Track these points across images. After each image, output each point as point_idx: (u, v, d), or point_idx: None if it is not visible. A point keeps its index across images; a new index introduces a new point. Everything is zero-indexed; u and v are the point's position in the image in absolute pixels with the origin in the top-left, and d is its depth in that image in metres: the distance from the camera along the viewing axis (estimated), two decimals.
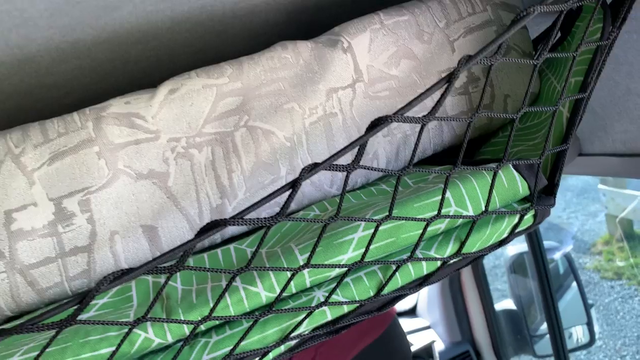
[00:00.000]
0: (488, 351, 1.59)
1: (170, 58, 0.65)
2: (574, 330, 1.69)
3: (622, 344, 3.21)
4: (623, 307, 3.45)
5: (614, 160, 0.77)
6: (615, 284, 3.61)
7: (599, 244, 4.00)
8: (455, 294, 1.57)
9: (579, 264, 3.91)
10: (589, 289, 3.67)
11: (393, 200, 0.38)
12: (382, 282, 0.42)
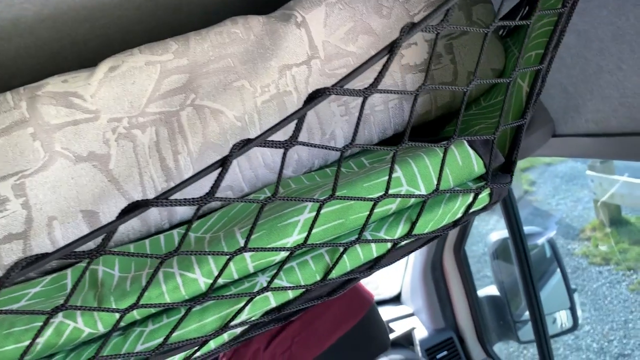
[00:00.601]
0: (472, 337, 1.58)
1: (123, 37, 0.62)
2: (558, 315, 1.69)
3: (609, 329, 3.22)
4: (610, 292, 3.46)
5: (587, 141, 0.75)
6: (603, 270, 3.62)
7: (588, 229, 4.01)
8: (437, 281, 1.55)
9: (567, 250, 3.92)
10: (577, 274, 3.68)
11: (336, 180, 0.36)
12: (330, 266, 0.40)
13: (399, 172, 0.42)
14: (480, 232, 4.18)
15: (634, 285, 3.40)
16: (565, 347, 3.16)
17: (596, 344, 3.13)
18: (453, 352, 1.54)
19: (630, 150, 0.70)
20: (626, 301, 3.32)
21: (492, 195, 0.43)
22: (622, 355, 3.00)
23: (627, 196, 3.74)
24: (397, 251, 0.42)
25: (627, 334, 3.11)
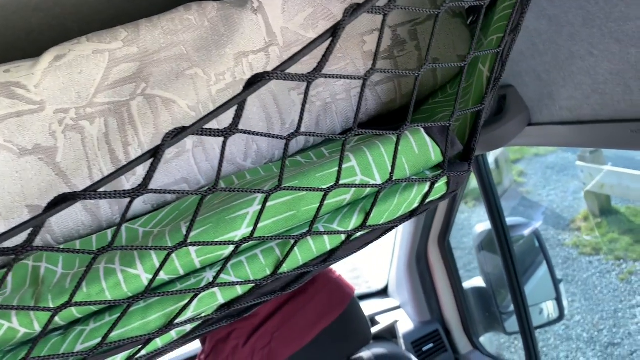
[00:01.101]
0: (458, 329, 1.57)
1: (80, 27, 0.60)
2: (544, 306, 1.68)
3: (599, 318, 3.23)
4: (601, 281, 3.47)
5: (562, 130, 0.74)
6: (593, 259, 3.63)
7: (578, 220, 4.01)
8: (422, 273, 1.54)
9: (558, 241, 3.92)
10: (568, 264, 3.69)
11: (282, 170, 0.34)
12: (280, 260, 0.39)
13: (353, 161, 0.40)
14: (471, 224, 4.19)
15: (624, 275, 3.40)
16: (556, 337, 3.17)
17: (586, 333, 3.14)
18: (439, 344, 1.53)
19: (604, 138, 0.69)
20: (616, 291, 3.33)
21: (449, 184, 0.42)
22: (612, 344, 3.01)
23: (617, 186, 3.75)
24: (352, 243, 0.41)
25: (617, 323, 3.11)
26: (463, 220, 4.26)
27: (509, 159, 4.74)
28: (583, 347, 3.08)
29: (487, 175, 1.19)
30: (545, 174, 4.71)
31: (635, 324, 3.11)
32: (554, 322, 1.62)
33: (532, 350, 1.31)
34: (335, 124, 0.54)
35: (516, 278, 1.29)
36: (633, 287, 3.34)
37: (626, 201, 3.97)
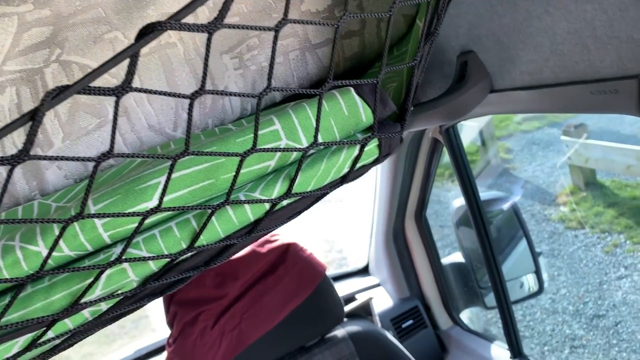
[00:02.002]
0: (437, 305, 1.55)
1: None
2: (525, 279, 1.67)
3: (585, 291, 3.25)
4: (586, 255, 3.48)
5: (524, 95, 0.71)
6: (579, 233, 3.64)
7: (564, 194, 4.02)
8: (400, 250, 1.52)
9: (544, 216, 3.93)
10: (554, 239, 3.70)
11: (188, 131, 0.31)
12: (197, 232, 0.36)
13: (277, 124, 0.37)
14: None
15: (609, 248, 3.42)
16: (542, 310, 3.18)
17: (572, 306, 3.16)
18: (419, 320, 1.52)
19: (565, 101, 0.66)
20: (601, 263, 3.34)
21: (381, 147, 0.39)
22: (597, 316, 3.03)
23: (601, 160, 3.75)
24: (279, 213, 0.38)
25: (602, 295, 3.13)
26: (449, 198, 4.26)
27: (494, 135, 4.73)
28: (569, 319, 3.09)
29: (459, 149, 1.16)
30: (531, 150, 4.70)
31: (620, 295, 3.13)
32: (534, 295, 1.61)
33: (509, 324, 1.30)
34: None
35: (492, 253, 1.28)
36: (618, 259, 3.35)
37: (611, 174, 3.97)
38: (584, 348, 2.90)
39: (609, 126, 4.68)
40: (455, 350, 1.51)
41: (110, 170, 0.42)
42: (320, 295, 1.06)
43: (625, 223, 3.53)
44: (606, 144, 3.83)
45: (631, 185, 3.84)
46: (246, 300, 1.01)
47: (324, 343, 1.10)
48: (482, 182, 4.58)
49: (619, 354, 2.79)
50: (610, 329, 2.95)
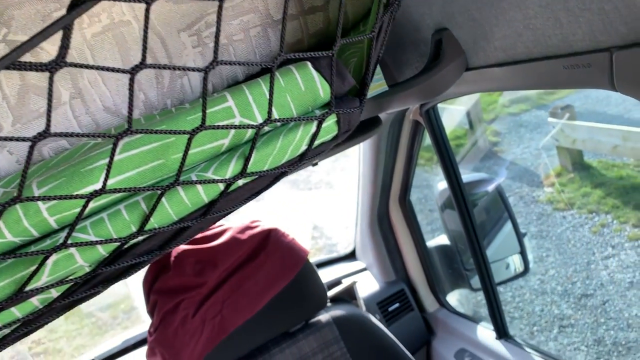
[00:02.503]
0: (424, 288, 1.55)
1: None
2: (511, 260, 1.67)
3: (573, 271, 3.27)
4: (574, 235, 3.50)
5: (499, 72, 0.70)
6: (566, 214, 3.66)
7: (552, 176, 4.03)
8: (385, 234, 1.52)
9: (532, 198, 3.94)
10: (542, 220, 3.71)
11: (130, 107, 0.30)
12: (146, 215, 0.34)
13: (230, 101, 0.36)
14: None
15: (596, 228, 3.44)
16: (531, 291, 3.20)
17: (560, 286, 3.18)
18: (405, 303, 1.52)
19: (539, 77, 0.65)
20: (589, 243, 3.37)
21: (340, 123, 0.37)
22: (585, 295, 3.05)
23: (589, 141, 3.76)
24: (234, 193, 0.36)
25: (590, 275, 3.16)
26: (437, 182, 4.26)
27: (482, 118, 4.72)
28: (557, 299, 3.12)
29: (439, 130, 1.15)
30: (518, 132, 4.71)
31: (607, 274, 3.15)
32: (520, 275, 1.61)
33: (494, 305, 1.31)
34: (236, 68, 0.49)
35: (475, 235, 1.27)
36: (605, 239, 3.38)
37: (598, 155, 3.99)
38: (572, 327, 2.92)
39: (595, 107, 4.69)
40: (442, 332, 1.51)
41: (63, 154, 0.41)
42: (302, 280, 1.05)
43: (612, 203, 3.55)
44: (593, 125, 3.84)
45: (618, 165, 3.86)
46: (227, 288, 1.00)
47: (308, 328, 1.10)
48: (470, 165, 4.59)
49: (606, 332, 2.82)
50: (598, 307, 2.97)
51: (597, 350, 2.76)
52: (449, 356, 1.43)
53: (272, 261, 1.03)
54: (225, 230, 1.04)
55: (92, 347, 3.84)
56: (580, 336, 2.86)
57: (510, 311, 3.14)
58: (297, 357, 1.08)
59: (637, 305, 2.92)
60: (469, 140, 4.69)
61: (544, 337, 2.92)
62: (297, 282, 1.04)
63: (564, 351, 2.81)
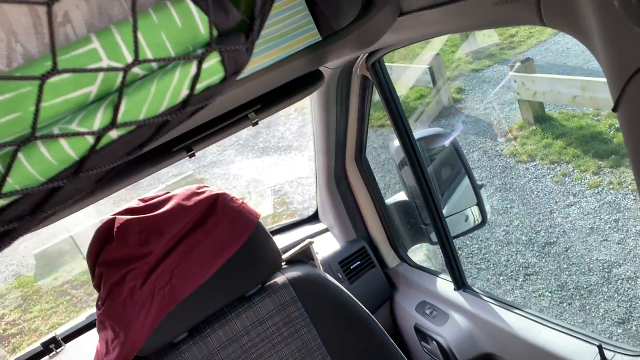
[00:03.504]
0: (384, 245, 1.54)
1: None
2: (470, 212, 1.67)
3: (536, 221, 3.32)
4: (537, 186, 3.55)
5: (431, 15, 0.66)
6: (529, 166, 3.70)
7: (514, 129, 4.06)
8: (344, 194, 1.49)
9: (496, 152, 3.97)
10: (506, 173, 3.75)
11: None
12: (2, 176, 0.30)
13: (96, 42, 0.31)
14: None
15: (558, 178, 3.49)
16: (497, 243, 3.26)
17: (525, 236, 3.24)
18: (366, 261, 1.51)
19: (470, 17, 0.61)
20: (551, 193, 3.42)
21: (225, 63, 0.33)
22: (548, 243, 3.11)
23: (549, 93, 3.77)
24: (109, 148, 0.32)
25: (553, 224, 3.22)
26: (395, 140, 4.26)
27: (445, 76, 4.70)
28: (522, 249, 3.18)
29: (387, 84, 1.11)
30: (482, 89, 4.71)
31: (569, 222, 3.21)
32: (479, 227, 1.61)
33: (451, 258, 1.30)
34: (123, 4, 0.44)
35: (429, 189, 1.26)
36: (567, 187, 3.43)
37: (558, 106, 4.02)
38: (536, 275, 2.99)
39: (555, 59, 4.71)
40: (403, 286, 1.51)
41: None
42: (254, 243, 1.02)
43: (573, 152, 3.60)
44: (553, 77, 3.85)
45: (578, 115, 3.90)
46: (175, 256, 0.96)
47: (264, 291, 1.07)
48: (435, 123, 4.59)
49: (569, 277, 2.89)
50: (560, 254, 3.04)
51: (561, 295, 2.83)
52: (410, 309, 1.43)
53: (221, 226, 0.99)
54: (171, 197, 1.00)
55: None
56: (545, 283, 2.93)
57: (478, 263, 3.19)
58: (253, 320, 1.06)
59: (597, 249, 2.99)
60: (434, 98, 4.68)
61: (510, 285, 2.99)
62: (248, 246, 1.01)
63: (529, 298, 2.88)
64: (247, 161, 5.15)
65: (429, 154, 1.83)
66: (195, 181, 4.98)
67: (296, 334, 1.08)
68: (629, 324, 2.55)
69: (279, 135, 5.47)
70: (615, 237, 2.99)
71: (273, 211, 4.35)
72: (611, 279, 2.80)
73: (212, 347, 1.03)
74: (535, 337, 1.09)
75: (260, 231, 1.03)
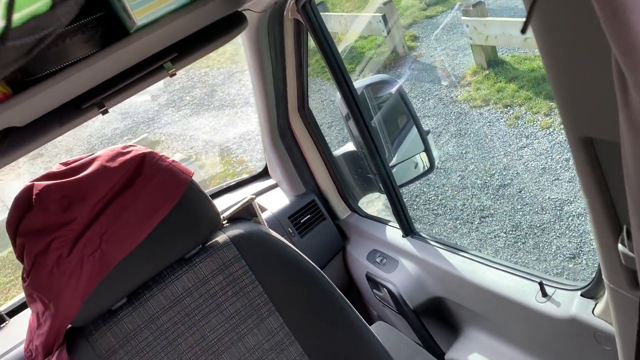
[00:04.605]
0: (334, 197, 1.51)
1: None
2: (419, 159, 1.65)
3: (490, 164, 3.36)
4: (491, 130, 3.57)
5: None
6: (483, 111, 3.71)
7: (468, 75, 4.04)
8: (290, 147, 1.44)
9: (450, 98, 3.97)
10: (461, 119, 3.76)
11: None
12: None
13: None
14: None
15: (511, 121, 3.52)
16: (453, 188, 3.29)
17: (480, 180, 3.27)
18: (317, 214, 1.48)
19: None
20: (505, 136, 3.45)
21: None
22: (502, 186, 3.16)
23: (501, 36, 3.74)
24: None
25: (507, 166, 3.26)
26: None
27: (400, 24, 4.61)
28: (477, 193, 3.22)
29: (320, 29, 1.05)
30: (436, 36, 4.65)
31: (522, 164, 3.26)
32: (427, 173, 1.60)
33: (398, 206, 1.28)
34: None
35: (371, 139, 1.22)
36: (519, 130, 3.47)
37: (511, 50, 4.01)
38: (492, 217, 3.04)
39: (507, 2, 4.67)
40: (355, 236, 1.49)
41: None
42: (189, 203, 0.97)
43: (525, 95, 3.62)
44: (504, 20, 3.82)
45: (529, 57, 3.90)
46: (104, 220, 0.90)
47: (204, 252, 1.03)
48: (390, 72, 4.53)
49: (523, 217, 2.95)
50: (514, 195, 3.09)
51: (515, 235, 2.89)
52: (362, 259, 1.42)
53: (150, 187, 0.93)
54: (94, 159, 0.93)
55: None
56: (500, 224, 2.98)
57: (435, 209, 3.23)
58: (195, 282, 1.02)
59: (549, 188, 3.05)
60: (388, 47, 4.61)
61: (467, 229, 3.04)
62: (182, 206, 0.96)
63: (485, 240, 2.94)
64: (203, 120, 5.02)
65: (376, 102, 1.79)
66: (151, 144, 4.84)
67: (241, 292, 1.05)
68: (580, 259, 2.63)
69: (234, 93, 5.33)
70: (566, 175, 3.05)
71: (232, 170, 4.28)
72: (563, 216, 2.87)
73: (152, 311, 0.99)
74: (480, 278, 1.09)
75: (194, 190, 0.98)
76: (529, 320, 0.99)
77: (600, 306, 0.86)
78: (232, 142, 4.59)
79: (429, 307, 1.25)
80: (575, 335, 0.91)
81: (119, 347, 0.96)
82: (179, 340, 1.01)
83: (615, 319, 0.68)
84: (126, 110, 5.60)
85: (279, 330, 1.06)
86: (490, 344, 1.13)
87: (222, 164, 4.39)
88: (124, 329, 0.97)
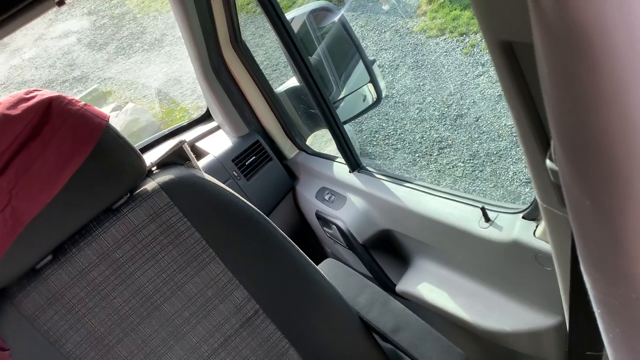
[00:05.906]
0: (280, 135, 1.44)
1: None
2: (366, 90, 1.58)
3: (448, 94, 3.31)
4: (447, 60, 3.50)
5: None
6: (439, 40, 3.62)
7: (423, 4, 3.92)
8: (227, 85, 1.34)
9: (407, 30, 3.85)
10: (417, 50, 3.67)
11: None
12: None
13: None
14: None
15: (467, 49, 3.44)
16: (411, 122, 3.24)
17: (437, 111, 3.23)
18: (262, 155, 1.41)
19: None
20: (461, 65, 3.39)
21: None
22: (459, 116, 3.13)
23: None
24: None
25: (463, 95, 3.21)
26: None
27: None
28: (435, 124, 3.18)
29: None
30: None
31: (479, 92, 3.22)
32: (375, 105, 1.53)
33: (342, 142, 1.22)
34: None
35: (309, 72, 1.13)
36: (475, 58, 3.40)
37: None
38: (450, 147, 3.02)
39: None
40: (304, 175, 1.44)
41: None
42: (107, 150, 0.89)
43: None
44: None
45: None
46: (11, 174, 0.82)
47: (132, 200, 0.96)
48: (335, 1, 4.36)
49: (480, 145, 2.94)
50: (471, 125, 3.07)
51: (473, 163, 2.89)
52: (311, 197, 1.37)
53: (60, 135, 0.84)
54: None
55: None
56: (458, 154, 2.97)
57: (394, 143, 3.19)
58: (125, 233, 0.95)
59: (505, 115, 3.03)
60: None
61: (425, 161, 3.02)
62: (100, 153, 0.87)
63: (443, 170, 2.93)
64: (155, 67, 4.79)
65: (320, 33, 1.68)
66: (102, 95, 4.62)
67: (177, 239, 0.99)
68: None
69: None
70: None
71: (189, 117, 4.13)
72: (519, 142, 2.87)
73: (80, 267, 0.92)
74: (425, 207, 1.05)
75: (111, 135, 0.89)
76: (473, 246, 0.96)
77: (540, 228, 0.83)
78: (186, 87, 4.41)
79: (378, 240, 1.22)
80: (517, 258, 0.88)
81: (47, 306, 0.90)
82: (114, 294, 0.95)
83: (551, 239, 0.64)
84: (73, 60, 5.30)
85: (221, 276, 1.02)
86: (438, 273, 1.11)
87: (177, 111, 4.23)
88: (50, 287, 0.90)
